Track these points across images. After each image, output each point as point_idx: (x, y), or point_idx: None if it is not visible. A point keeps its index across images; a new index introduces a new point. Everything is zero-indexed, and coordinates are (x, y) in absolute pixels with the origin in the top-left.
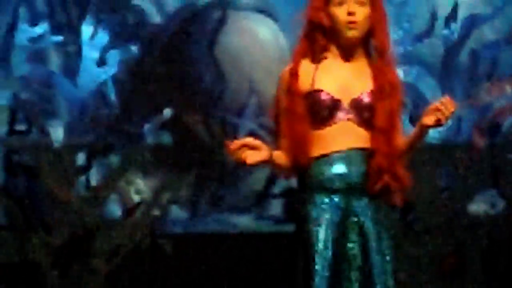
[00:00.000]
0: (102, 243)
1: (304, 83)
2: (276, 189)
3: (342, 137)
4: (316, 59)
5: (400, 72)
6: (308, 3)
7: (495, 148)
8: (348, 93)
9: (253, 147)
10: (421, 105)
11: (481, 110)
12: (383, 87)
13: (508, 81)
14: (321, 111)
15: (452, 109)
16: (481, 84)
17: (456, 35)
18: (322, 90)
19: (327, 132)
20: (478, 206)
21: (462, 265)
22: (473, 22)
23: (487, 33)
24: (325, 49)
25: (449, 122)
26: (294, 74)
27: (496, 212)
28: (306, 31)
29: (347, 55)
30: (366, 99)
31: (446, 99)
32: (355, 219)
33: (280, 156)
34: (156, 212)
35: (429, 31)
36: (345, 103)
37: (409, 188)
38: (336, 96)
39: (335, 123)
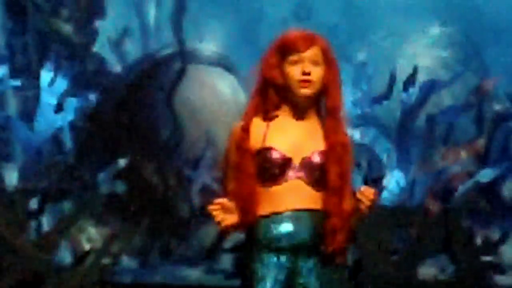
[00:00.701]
0: None
1: (255, 140)
2: (227, 244)
3: (291, 196)
4: (268, 117)
5: (356, 133)
6: (263, 60)
7: (448, 213)
8: (299, 152)
9: (227, 209)
10: (376, 166)
11: (435, 174)
12: (335, 147)
13: (464, 147)
14: (271, 168)
15: (372, 198)
16: (437, 148)
17: (414, 99)
18: (273, 148)
19: (277, 190)
20: (428, 270)
21: None
22: (431, 86)
23: (445, 98)
24: (277, 107)
25: (403, 184)
26: (245, 130)
27: (446, 276)
28: (259, 87)
29: (299, 114)
30: (317, 158)
31: (365, 188)
32: (301, 280)
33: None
34: (106, 260)
35: (387, 94)
36: (296, 161)
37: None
38: (287, 155)
39: (285, 181)
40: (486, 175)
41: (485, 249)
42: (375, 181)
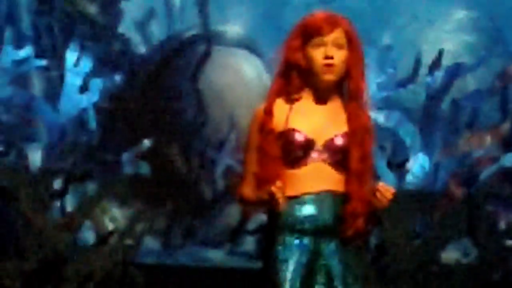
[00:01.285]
0: (74, 270)
1: (278, 123)
2: (251, 226)
3: (314, 178)
4: (291, 99)
5: (381, 117)
6: (286, 42)
7: (471, 198)
8: (322, 134)
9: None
10: (400, 150)
11: (459, 159)
12: (357, 130)
13: (489, 132)
14: (294, 151)
15: (389, 197)
16: (461, 133)
17: (439, 83)
18: (296, 130)
19: (299, 172)
20: (451, 254)
21: None
22: (456, 71)
23: (470, 82)
24: (300, 89)
25: (427, 167)
26: (268, 112)
27: (469, 261)
28: (282, 70)
29: (321, 97)
30: (340, 141)
31: (382, 186)
32: (323, 262)
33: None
34: (129, 241)
35: (412, 78)
36: (319, 144)
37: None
38: (310, 137)
39: (308, 163)
40: (510, 159)
41: (508, 233)
42: (399, 165)
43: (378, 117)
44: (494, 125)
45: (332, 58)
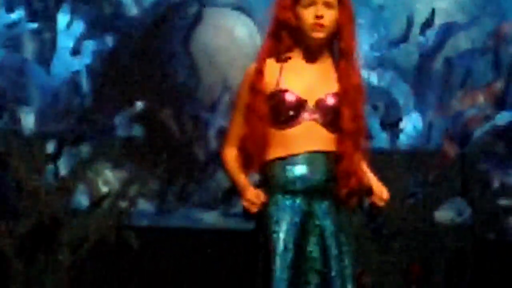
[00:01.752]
0: (68, 233)
1: (269, 82)
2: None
3: (306, 138)
4: (281, 58)
5: (374, 76)
6: (276, 1)
7: (464, 157)
8: (313, 93)
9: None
10: (393, 109)
11: (452, 118)
12: (349, 90)
13: (481, 91)
14: (286, 111)
15: (384, 200)
16: (454, 92)
17: (431, 42)
18: (288, 90)
19: (291, 132)
20: (445, 214)
21: (427, 272)
22: (449, 30)
23: (462, 42)
24: (291, 49)
25: (420, 127)
26: (259, 72)
27: (463, 220)
28: (272, 29)
29: (312, 57)
30: (331, 100)
31: (377, 189)
32: (316, 222)
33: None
34: (123, 204)
35: (405, 37)
36: (310, 103)
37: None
38: (302, 97)
39: (299, 123)
40: (503, 118)
41: (502, 192)
42: (392, 124)
43: (371, 77)
44: (487, 84)
45: (322, 17)
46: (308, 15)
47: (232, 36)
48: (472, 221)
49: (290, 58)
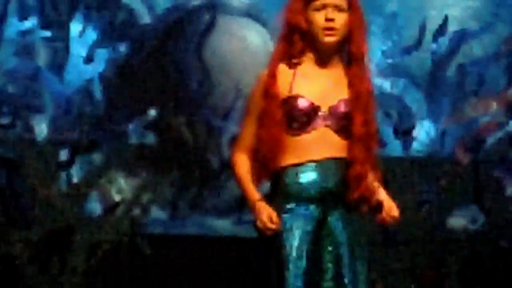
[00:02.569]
0: (81, 241)
1: (282, 88)
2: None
3: (319, 144)
4: (293, 63)
5: (387, 84)
6: (287, 5)
7: (478, 164)
8: (326, 99)
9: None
10: (406, 117)
11: (466, 125)
12: (360, 95)
13: (495, 98)
14: (299, 117)
15: (395, 218)
16: (467, 99)
17: (444, 49)
18: (301, 96)
19: (304, 139)
20: (458, 221)
21: (440, 279)
22: (462, 37)
23: (476, 48)
24: (302, 53)
25: (433, 134)
26: (272, 76)
27: (476, 227)
28: (284, 33)
29: (323, 61)
30: (343, 106)
31: (388, 206)
32: (329, 229)
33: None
34: (136, 211)
35: (417, 44)
36: (324, 109)
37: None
38: (315, 103)
39: (313, 129)
40: None
41: None
42: (405, 132)
43: (384, 84)
44: (500, 90)
45: (333, 20)
46: (319, 18)
47: (245, 44)
48: (485, 228)
49: (301, 62)
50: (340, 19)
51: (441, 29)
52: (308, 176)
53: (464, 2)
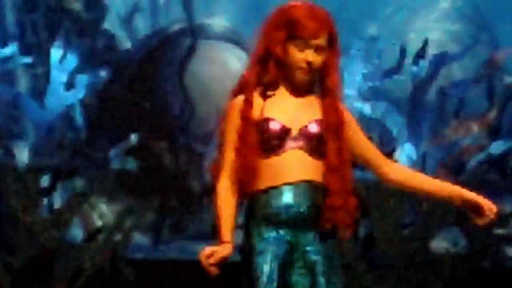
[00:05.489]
0: (64, 266)
1: (254, 112)
2: (239, 220)
3: (291, 167)
4: (266, 92)
5: (367, 107)
6: (267, 29)
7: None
8: (297, 122)
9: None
10: (387, 140)
11: (447, 148)
12: (333, 124)
13: (475, 120)
14: (270, 139)
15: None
16: (448, 122)
17: (424, 72)
18: (271, 119)
19: (276, 161)
20: (440, 244)
21: None
22: (442, 60)
23: (456, 71)
24: (275, 80)
25: (414, 157)
26: (248, 102)
27: (458, 250)
28: (260, 55)
29: (295, 90)
30: (315, 127)
31: (487, 206)
32: (302, 253)
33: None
34: (118, 237)
35: (398, 67)
36: (295, 131)
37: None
38: (286, 125)
39: (284, 152)
40: (497, 147)
41: (497, 221)
42: (386, 155)
43: (365, 107)
44: (481, 113)
45: (312, 64)
46: (298, 57)
47: (225, 68)
48: (467, 250)
49: (273, 95)
50: (319, 60)
51: (421, 52)
52: (279, 200)
53: (444, 25)
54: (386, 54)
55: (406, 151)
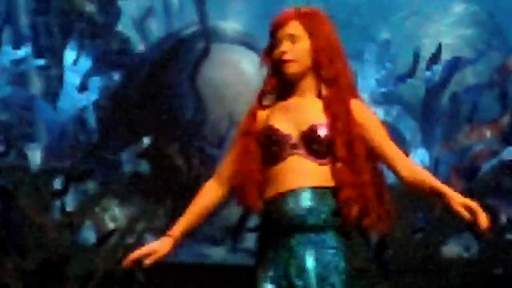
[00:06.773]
0: (76, 269)
1: (260, 122)
2: (252, 223)
3: (293, 174)
4: (270, 99)
5: (380, 111)
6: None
7: (472, 191)
8: (297, 127)
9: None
10: (400, 145)
11: (459, 153)
12: (338, 117)
13: (488, 126)
14: (270, 147)
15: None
16: (461, 127)
17: (438, 77)
18: (272, 126)
19: (278, 169)
20: (452, 249)
21: None
22: (455, 65)
23: (469, 76)
24: (273, 88)
25: (427, 162)
26: (251, 113)
27: (470, 255)
28: (272, 69)
29: (294, 92)
30: (316, 131)
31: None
32: (300, 259)
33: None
34: (130, 240)
35: (411, 72)
36: (295, 137)
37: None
38: (285, 132)
39: (284, 159)
40: (510, 153)
41: (509, 227)
42: None
43: (378, 111)
44: (493, 118)
45: (286, 53)
46: (276, 53)
47: (238, 71)
48: (479, 256)
49: (275, 103)
50: (296, 49)
51: (435, 57)
52: (280, 207)
53: (458, 30)
54: (399, 59)
55: (419, 155)
